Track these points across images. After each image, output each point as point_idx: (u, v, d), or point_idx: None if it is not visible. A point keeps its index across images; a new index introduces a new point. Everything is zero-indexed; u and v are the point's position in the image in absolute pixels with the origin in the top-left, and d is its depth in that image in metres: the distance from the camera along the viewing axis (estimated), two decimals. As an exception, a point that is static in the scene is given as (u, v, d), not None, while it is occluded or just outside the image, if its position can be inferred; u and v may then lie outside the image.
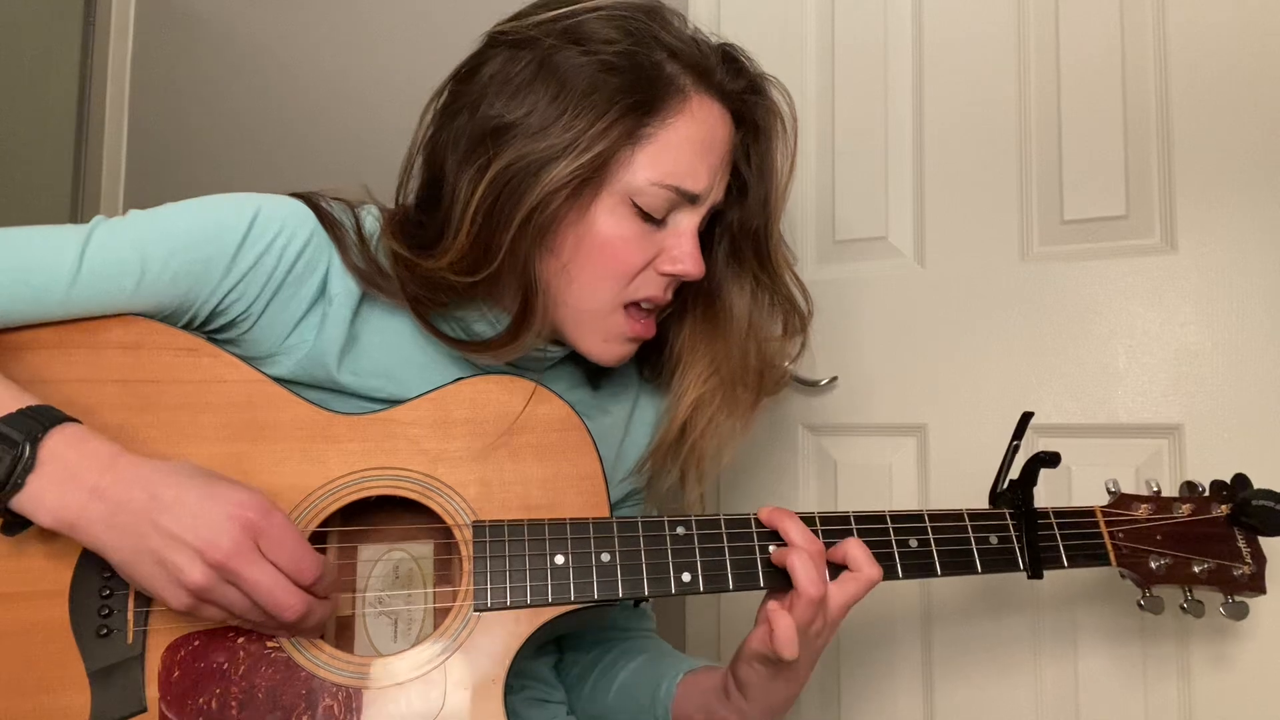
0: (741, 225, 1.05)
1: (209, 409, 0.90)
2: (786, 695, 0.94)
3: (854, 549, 0.91)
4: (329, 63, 1.90)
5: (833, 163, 1.47)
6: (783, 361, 1.12)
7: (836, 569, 0.92)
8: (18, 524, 0.78)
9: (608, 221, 0.95)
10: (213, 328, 0.95)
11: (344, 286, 0.97)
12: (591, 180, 0.92)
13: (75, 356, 0.88)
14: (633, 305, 0.99)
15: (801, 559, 0.88)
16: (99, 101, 2.07)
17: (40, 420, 0.78)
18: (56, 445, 0.77)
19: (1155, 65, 1.27)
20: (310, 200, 0.98)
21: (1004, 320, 1.33)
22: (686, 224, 0.98)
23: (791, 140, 1.06)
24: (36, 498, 0.76)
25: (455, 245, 0.93)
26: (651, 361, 1.13)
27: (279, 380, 0.94)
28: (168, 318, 0.92)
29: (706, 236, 1.04)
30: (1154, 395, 1.24)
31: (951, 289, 1.37)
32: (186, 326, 0.94)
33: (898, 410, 1.40)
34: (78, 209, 2.04)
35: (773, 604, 0.89)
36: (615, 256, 0.96)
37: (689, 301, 1.08)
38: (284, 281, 0.94)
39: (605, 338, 0.99)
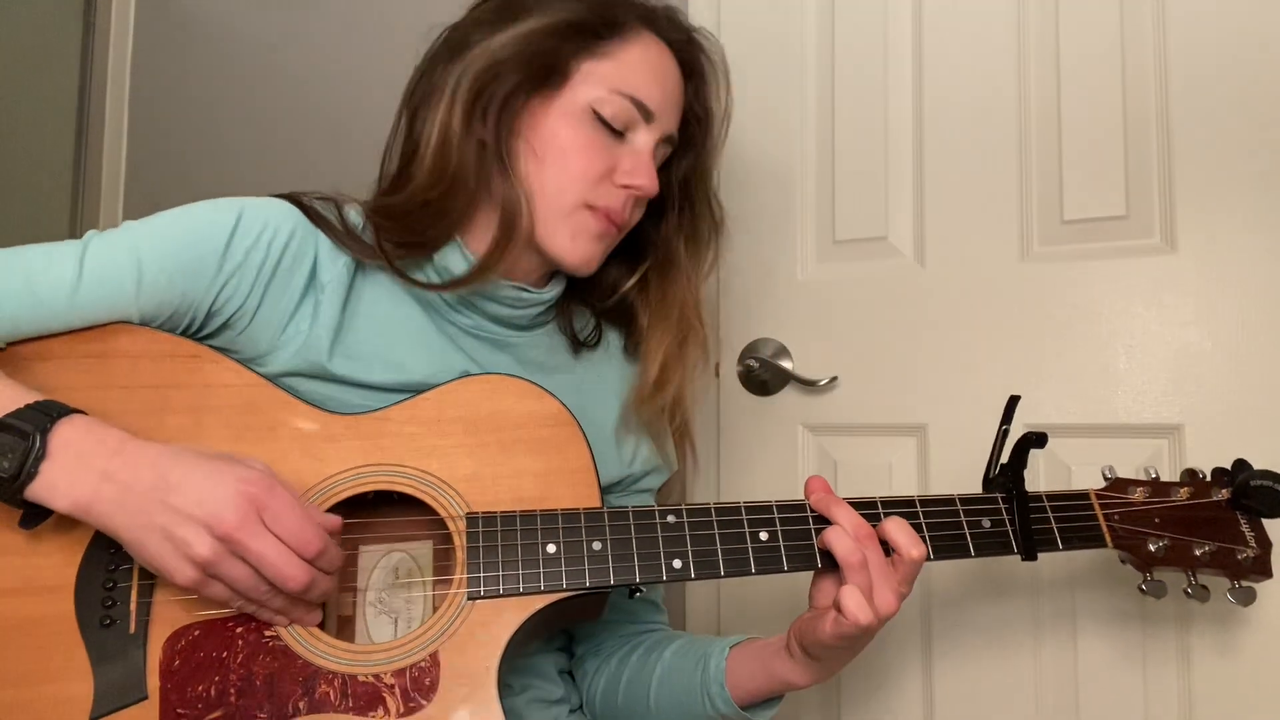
0: (689, 170, 1.14)
1: (211, 412, 0.92)
2: (851, 658, 0.98)
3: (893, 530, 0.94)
4: (329, 64, 1.91)
5: (833, 162, 1.47)
6: (702, 281, 1.19)
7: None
8: (35, 515, 0.81)
9: (567, 126, 1.02)
10: (212, 329, 0.98)
11: (334, 274, 1.00)
12: (550, 78, 1.01)
13: (83, 366, 0.91)
14: (596, 209, 1.04)
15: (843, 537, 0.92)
16: (99, 102, 2.07)
17: (48, 412, 0.81)
18: (66, 434, 0.80)
19: (1155, 65, 1.27)
20: (292, 197, 1.02)
21: (1004, 320, 1.33)
22: (643, 141, 1.05)
23: (724, 86, 1.15)
24: (51, 485, 0.79)
25: (427, 157, 1.00)
26: (630, 335, 1.20)
27: (281, 375, 0.97)
28: (168, 321, 0.95)
29: (660, 196, 1.10)
30: (1154, 395, 1.24)
31: (951, 289, 1.37)
32: (187, 330, 0.97)
33: (898, 410, 1.40)
34: (78, 210, 2.04)
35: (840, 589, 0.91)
36: (575, 159, 1.02)
37: (650, 266, 1.16)
38: (274, 274, 0.97)
39: (573, 234, 1.04)
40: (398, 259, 1.02)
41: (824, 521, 0.95)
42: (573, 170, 1.02)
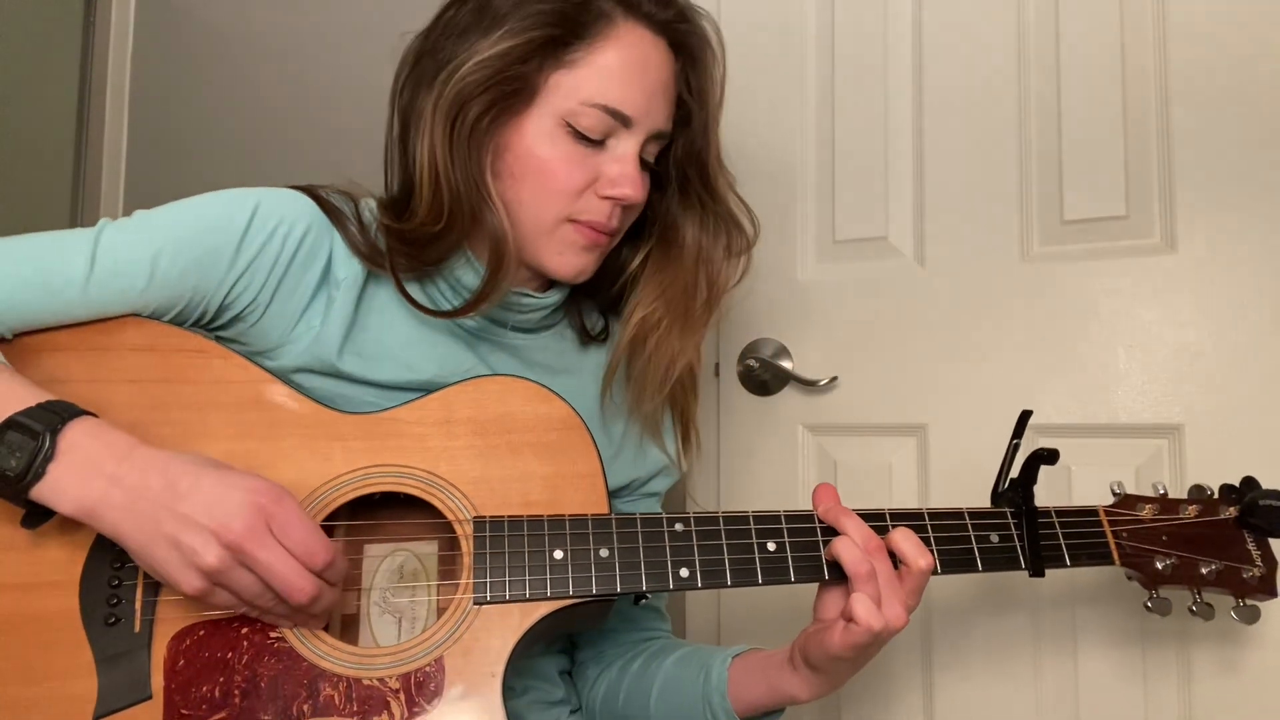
0: (685, 152, 1.09)
1: (219, 408, 0.92)
2: (855, 671, 0.97)
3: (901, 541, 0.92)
4: (329, 63, 1.91)
5: (833, 163, 1.47)
6: (729, 282, 1.15)
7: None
8: (39, 515, 0.80)
9: (542, 142, 0.98)
10: (223, 321, 0.97)
11: (349, 271, 0.99)
12: (516, 94, 0.97)
13: (90, 358, 0.90)
14: (580, 222, 1.01)
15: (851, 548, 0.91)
16: (99, 101, 2.07)
17: (59, 413, 0.80)
18: (75, 436, 0.79)
19: (1155, 65, 1.27)
20: (310, 190, 1.01)
21: (1004, 320, 1.33)
22: (625, 148, 1.01)
23: (721, 66, 1.09)
24: (58, 486, 0.78)
25: (423, 194, 0.97)
26: None
27: (290, 370, 0.97)
28: (180, 313, 0.95)
29: (658, 173, 1.07)
30: (1154, 395, 1.25)
31: (951, 289, 1.37)
32: (198, 322, 0.97)
33: (898, 410, 1.40)
34: (78, 209, 2.04)
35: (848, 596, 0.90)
36: (553, 176, 0.99)
37: (652, 246, 1.12)
38: (288, 269, 0.97)
39: (560, 250, 1.02)
40: (407, 276, 1.00)
41: (832, 533, 0.94)
42: (551, 187, 0.99)
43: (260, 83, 1.98)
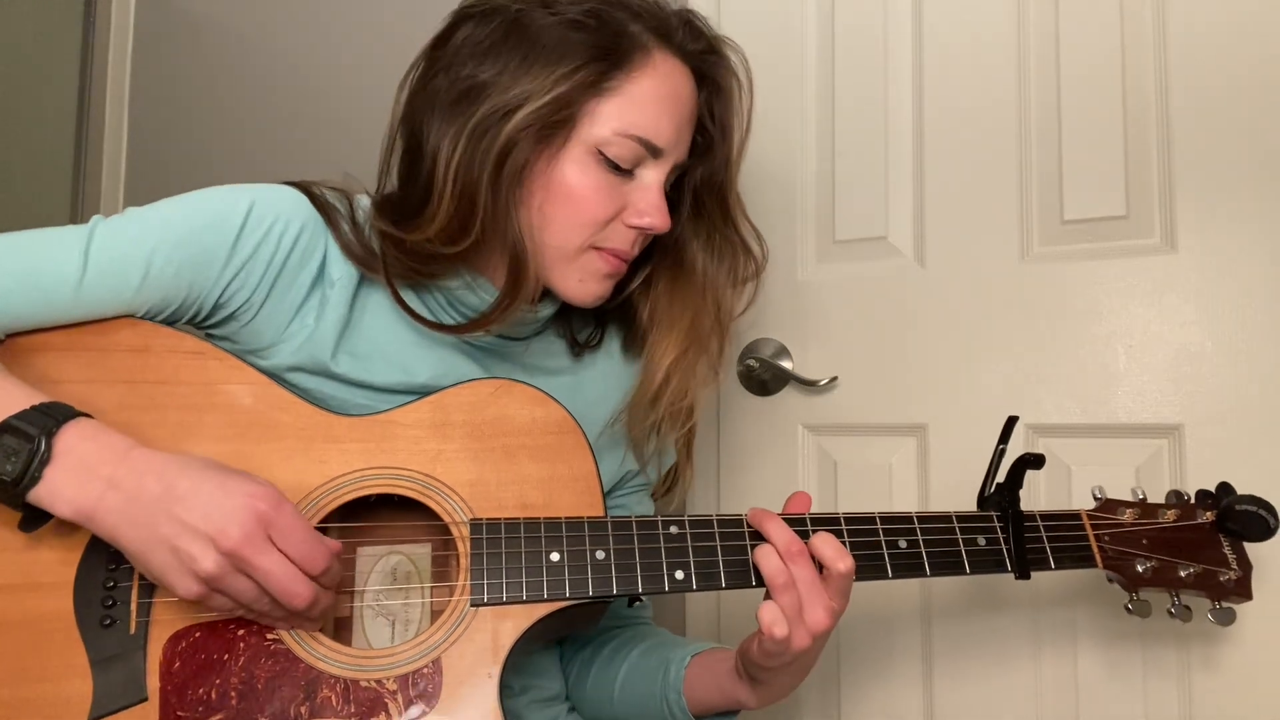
0: (704, 181, 1.09)
1: (214, 410, 0.92)
2: (798, 680, 0.98)
3: (820, 545, 0.92)
4: (329, 63, 1.91)
5: (833, 162, 1.47)
6: (736, 308, 1.16)
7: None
8: (36, 518, 0.80)
9: (574, 171, 0.97)
10: (216, 320, 0.97)
11: (344, 270, 0.99)
12: (558, 128, 0.95)
13: (83, 359, 0.90)
14: (603, 250, 1.01)
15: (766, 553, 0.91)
16: (99, 101, 2.07)
17: (54, 415, 0.80)
18: (71, 439, 0.79)
19: (1155, 65, 1.27)
20: (304, 187, 1.00)
21: (1004, 320, 1.33)
22: (652, 178, 1.01)
23: (747, 100, 1.09)
24: (54, 490, 0.78)
25: (440, 211, 0.95)
26: (629, 333, 1.16)
27: (284, 369, 0.96)
28: (174, 312, 0.94)
29: (672, 198, 1.06)
30: (1154, 395, 1.24)
31: (951, 289, 1.37)
32: (192, 321, 0.96)
33: (898, 410, 1.40)
34: (78, 209, 2.04)
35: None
36: (584, 205, 0.97)
37: (657, 266, 1.12)
38: (283, 268, 0.96)
39: (581, 277, 1.01)
40: (402, 283, 1.00)
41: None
42: (580, 216, 0.97)
43: (260, 82, 1.98)
